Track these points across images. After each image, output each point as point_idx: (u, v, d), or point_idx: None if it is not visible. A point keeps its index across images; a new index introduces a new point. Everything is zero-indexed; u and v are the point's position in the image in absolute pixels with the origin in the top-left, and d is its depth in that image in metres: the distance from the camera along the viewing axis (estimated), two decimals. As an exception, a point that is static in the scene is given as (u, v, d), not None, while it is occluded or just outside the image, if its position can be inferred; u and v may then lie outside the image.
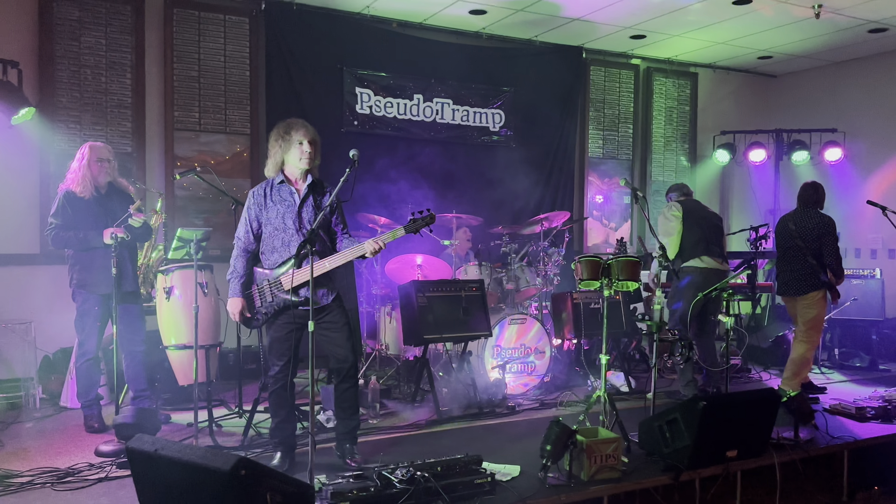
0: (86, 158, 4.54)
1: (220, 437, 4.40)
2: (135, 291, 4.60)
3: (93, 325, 4.51)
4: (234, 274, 3.79)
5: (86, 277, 4.45)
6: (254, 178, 6.54)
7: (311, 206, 3.80)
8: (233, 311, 3.78)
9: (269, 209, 3.76)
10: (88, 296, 4.45)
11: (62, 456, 4.10)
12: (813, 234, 5.49)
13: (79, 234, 4.42)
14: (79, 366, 4.52)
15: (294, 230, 3.74)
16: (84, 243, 4.43)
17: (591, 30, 7.43)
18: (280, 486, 2.90)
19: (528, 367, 5.68)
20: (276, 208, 3.76)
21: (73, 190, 4.51)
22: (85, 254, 4.45)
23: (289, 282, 3.65)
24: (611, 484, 3.63)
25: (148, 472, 3.04)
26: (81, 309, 4.50)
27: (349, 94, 6.93)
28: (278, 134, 3.80)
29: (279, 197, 3.78)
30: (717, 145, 8.55)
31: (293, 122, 3.83)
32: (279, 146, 3.78)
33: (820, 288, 5.46)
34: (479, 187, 7.38)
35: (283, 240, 3.75)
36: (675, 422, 3.86)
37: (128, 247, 4.52)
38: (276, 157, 3.80)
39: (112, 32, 6.01)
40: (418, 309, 5.08)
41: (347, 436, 3.91)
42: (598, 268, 4.19)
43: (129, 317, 4.49)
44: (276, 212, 3.76)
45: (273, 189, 3.80)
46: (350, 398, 3.91)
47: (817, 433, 4.52)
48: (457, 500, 3.30)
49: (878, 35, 7.45)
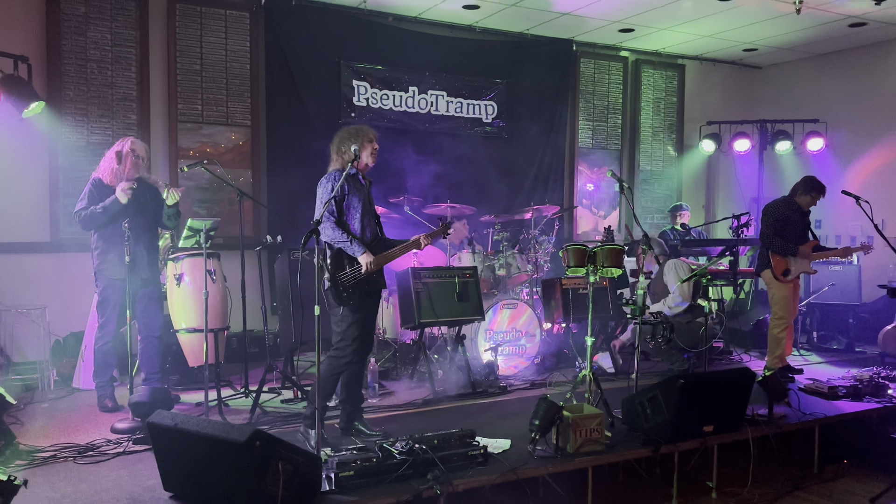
0: (123, 151, 4.74)
1: (228, 415, 4.63)
2: (152, 277, 4.81)
3: (112, 309, 4.72)
4: (346, 238, 4.05)
5: (105, 263, 4.66)
6: (254, 169, 6.77)
7: (372, 198, 4.31)
8: (369, 261, 4.05)
9: (354, 195, 4.14)
10: (109, 280, 4.65)
11: (79, 433, 4.35)
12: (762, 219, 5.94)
13: (98, 207, 4.58)
14: (97, 348, 4.74)
15: (371, 216, 4.21)
16: (106, 212, 4.58)
17: (580, 23, 7.65)
18: (291, 456, 3.16)
19: (520, 350, 5.95)
20: (358, 196, 4.15)
21: (103, 179, 4.73)
22: (104, 240, 4.65)
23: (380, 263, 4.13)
24: (594, 456, 3.90)
25: (168, 444, 3.30)
26: (102, 294, 4.72)
27: (346, 86, 7.14)
28: (349, 134, 4.20)
29: (357, 186, 4.17)
30: (703, 135, 8.80)
31: (363, 126, 4.32)
32: (351, 143, 4.13)
33: (766, 267, 5.86)
34: (472, 177, 7.60)
35: (364, 224, 4.16)
36: (655, 399, 4.14)
37: (145, 233, 4.72)
38: (346, 155, 4.12)
39: (117, 28, 6.20)
40: (415, 294, 5.34)
41: (359, 411, 4.33)
42: (584, 255, 4.45)
43: (147, 302, 4.73)
44: (357, 198, 4.14)
45: (351, 178, 4.16)
46: (360, 377, 4.37)
47: (791, 410, 4.79)
48: (452, 469, 3.56)
49: (858, 29, 7.70)
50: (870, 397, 5.19)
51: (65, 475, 3.65)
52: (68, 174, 6.05)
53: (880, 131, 8.25)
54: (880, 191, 8.02)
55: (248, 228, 6.46)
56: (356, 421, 4.27)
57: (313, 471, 3.28)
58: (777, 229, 5.85)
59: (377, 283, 4.18)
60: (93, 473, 3.68)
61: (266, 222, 6.75)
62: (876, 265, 7.66)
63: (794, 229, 5.89)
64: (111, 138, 6.17)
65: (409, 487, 3.40)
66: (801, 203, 5.91)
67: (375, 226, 4.25)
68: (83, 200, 4.69)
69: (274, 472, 3.07)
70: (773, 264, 5.83)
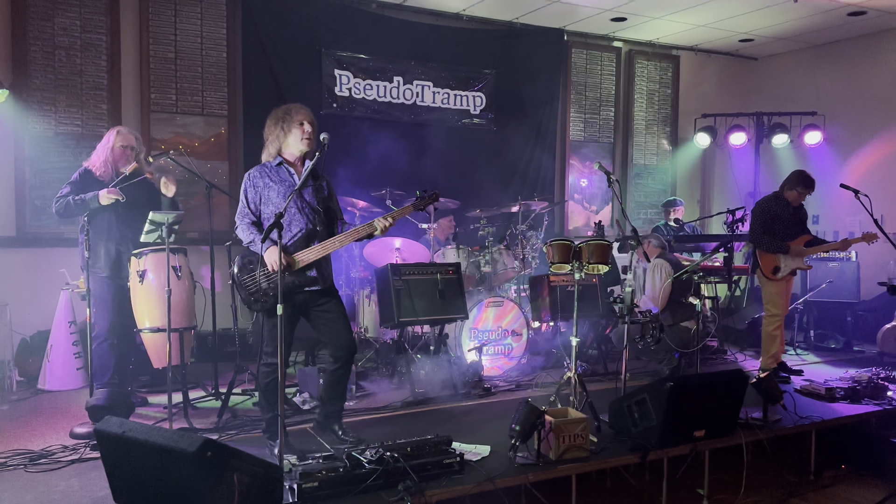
0: (110, 142, 4.59)
1: (197, 418, 4.43)
2: None
3: (101, 307, 4.49)
4: (254, 236, 3.73)
5: (92, 259, 4.45)
6: (231, 160, 6.53)
7: (311, 188, 3.82)
8: (274, 259, 3.61)
9: (270, 189, 3.77)
10: (93, 278, 4.45)
11: (36, 438, 4.13)
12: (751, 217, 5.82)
13: (76, 198, 4.39)
14: (93, 349, 4.49)
15: (296, 210, 3.75)
16: (82, 206, 4.38)
17: (571, 11, 7.41)
18: (247, 467, 2.93)
19: (506, 349, 5.73)
20: (276, 188, 3.76)
21: (92, 170, 4.55)
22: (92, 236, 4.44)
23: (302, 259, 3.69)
24: (578, 463, 3.68)
25: (116, 453, 3.07)
26: (94, 292, 4.51)
27: (328, 76, 6.90)
28: (277, 117, 3.82)
29: (278, 178, 3.79)
30: (697, 128, 8.58)
31: (292, 106, 3.87)
32: (280, 129, 3.79)
33: (759, 265, 5.72)
34: (458, 170, 7.38)
35: (285, 220, 3.70)
36: (643, 402, 3.92)
37: (133, 229, 4.50)
38: (275, 142, 3.81)
39: (86, 13, 5.95)
40: (394, 292, 5.11)
41: (336, 416, 4.00)
42: (568, 251, 4.22)
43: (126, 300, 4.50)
44: (276, 192, 3.76)
45: (271, 170, 3.81)
46: (344, 382, 4.01)
47: (786, 413, 4.58)
48: (425, 479, 3.33)
49: (858, 18, 7.48)
50: (868, 399, 5.00)
51: (12, 484, 3.43)
52: (35, 166, 5.81)
53: (880, 124, 8.03)
54: (879, 185, 7.81)
55: (223, 222, 6.25)
56: (333, 424, 4.01)
57: (273, 482, 3.05)
58: (766, 227, 5.68)
59: (302, 282, 3.73)
60: (42, 483, 3.46)
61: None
62: (875, 262, 7.45)
63: (785, 225, 5.71)
64: (80, 128, 5.96)
65: (378, 499, 3.18)
66: (789, 198, 5.73)
67: (309, 221, 3.76)
68: (66, 187, 4.50)
69: (228, 484, 2.84)
70: (762, 263, 5.66)
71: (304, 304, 3.80)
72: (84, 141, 5.93)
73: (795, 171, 5.78)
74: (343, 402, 4.06)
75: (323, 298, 3.84)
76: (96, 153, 4.62)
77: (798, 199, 5.72)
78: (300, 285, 3.73)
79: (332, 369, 3.96)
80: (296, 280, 3.71)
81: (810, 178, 5.70)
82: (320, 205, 3.82)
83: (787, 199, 5.72)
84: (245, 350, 5.55)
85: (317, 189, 3.84)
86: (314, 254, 3.71)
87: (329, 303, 3.87)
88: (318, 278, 3.77)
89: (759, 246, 5.69)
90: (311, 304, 3.82)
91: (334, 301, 3.90)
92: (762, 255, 5.69)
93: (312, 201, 3.81)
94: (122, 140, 4.59)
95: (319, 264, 3.78)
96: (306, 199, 3.80)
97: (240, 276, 3.75)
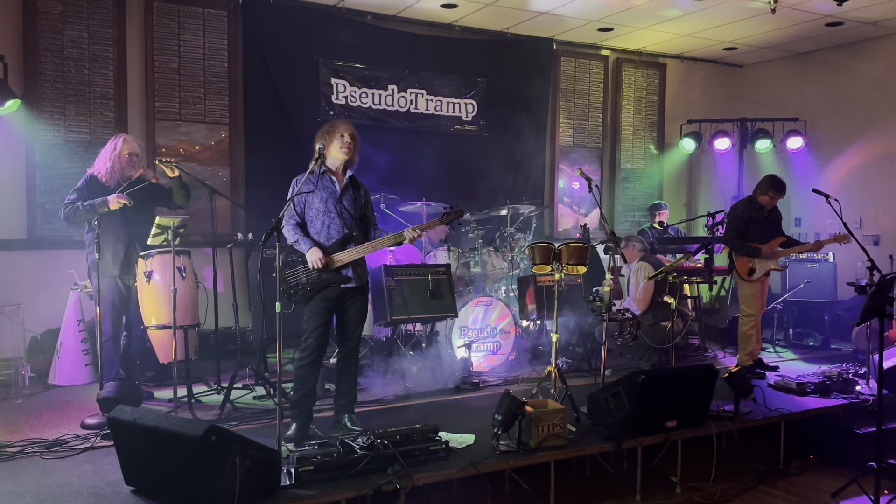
0: (117, 150, 4.83)
1: (200, 411, 4.68)
2: None
3: (107, 306, 4.76)
4: (299, 237, 4.11)
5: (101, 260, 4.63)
6: (233, 166, 6.79)
7: (350, 196, 4.22)
8: (316, 259, 4.04)
9: (314, 195, 4.14)
10: (102, 278, 4.65)
11: (50, 429, 4.38)
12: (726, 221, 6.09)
13: (85, 204, 4.65)
14: (101, 345, 4.70)
15: (335, 215, 4.14)
16: (91, 211, 4.62)
17: (559, 22, 7.68)
18: (248, 451, 3.20)
19: (494, 347, 6.00)
20: (320, 194, 4.14)
21: (97, 176, 4.80)
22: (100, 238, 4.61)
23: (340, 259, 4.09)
24: (557, 450, 3.95)
25: (128, 439, 3.34)
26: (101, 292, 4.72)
27: (325, 84, 7.17)
28: (323, 131, 4.22)
29: (321, 184, 4.16)
30: (683, 134, 8.83)
31: (337, 121, 4.31)
32: (323, 141, 4.17)
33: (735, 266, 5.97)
34: (451, 176, 7.62)
35: (325, 222, 4.14)
36: (618, 394, 4.19)
37: (140, 233, 4.78)
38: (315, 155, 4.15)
39: (94, 26, 6.22)
40: (387, 291, 5.38)
41: (348, 406, 4.35)
42: (549, 253, 4.49)
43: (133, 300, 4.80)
44: (319, 198, 4.14)
45: (316, 177, 4.16)
46: (352, 374, 4.38)
47: (757, 407, 4.84)
48: (413, 464, 3.60)
49: (835, 28, 7.75)
50: (837, 393, 5.24)
51: (31, 470, 3.68)
52: (45, 172, 6.07)
53: (858, 130, 8.30)
54: (858, 189, 8.10)
55: (225, 226, 6.53)
56: (342, 415, 4.32)
57: (272, 465, 3.33)
58: (739, 231, 5.91)
59: (338, 280, 4.13)
60: (58, 468, 3.71)
61: (244, 220, 6.78)
62: (850, 263, 7.72)
63: (759, 228, 5.93)
64: (88, 136, 6.22)
65: (369, 482, 3.44)
66: (762, 202, 5.94)
67: (344, 226, 4.16)
68: (72, 194, 4.75)
69: (231, 466, 3.11)
70: (737, 265, 5.90)
71: (339, 299, 4.20)
72: (92, 148, 6.18)
73: (767, 177, 5.99)
74: (351, 395, 4.37)
75: (356, 296, 4.26)
76: (101, 160, 4.86)
77: (770, 203, 5.94)
78: (336, 282, 4.13)
79: (338, 360, 4.38)
80: (332, 277, 4.11)
81: (781, 183, 5.93)
82: (357, 211, 4.23)
83: (760, 203, 5.95)
84: (245, 347, 5.81)
85: (355, 197, 4.25)
86: (349, 256, 4.12)
87: (358, 300, 4.28)
88: (353, 277, 4.18)
89: (733, 249, 5.94)
90: (344, 299, 4.22)
91: (362, 300, 4.31)
92: (737, 258, 5.93)
93: (350, 208, 4.20)
94: (128, 147, 4.86)
95: (354, 265, 4.18)
96: (345, 206, 4.19)
97: (283, 270, 4.09)
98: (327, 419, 4.47)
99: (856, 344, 6.72)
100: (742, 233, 5.90)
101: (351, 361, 4.36)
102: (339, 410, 4.36)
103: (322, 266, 4.05)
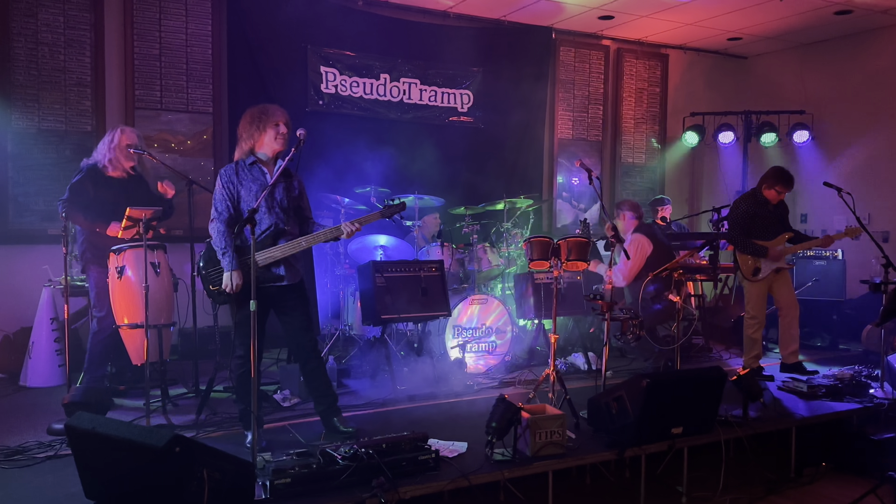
0: (115, 141, 4.68)
1: (178, 415, 4.42)
2: None
3: (106, 299, 4.54)
4: (227, 248, 3.74)
5: (96, 255, 4.56)
6: (216, 158, 6.51)
7: (282, 187, 3.84)
8: (233, 285, 3.71)
9: (243, 187, 3.79)
10: (98, 271, 4.52)
11: (14, 435, 4.11)
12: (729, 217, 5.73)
13: (88, 220, 4.58)
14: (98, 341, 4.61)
15: (266, 209, 3.78)
16: (89, 229, 4.62)
17: (558, 9, 7.41)
18: (217, 462, 2.92)
19: (490, 347, 5.72)
20: (249, 187, 3.78)
21: (101, 167, 4.65)
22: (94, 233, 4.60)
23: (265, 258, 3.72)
24: (555, 459, 3.68)
25: (87, 449, 3.06)
26: (98, 285, 4.59)
27: (314, 72, 6.89)
28: (252, 117, 3.83)
29: (251, 176, 3.80)
30: (686, 127, 8.57)
31: (269, 106, 3.89)
32: (255, 128, 3.80)
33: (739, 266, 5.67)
34: (445, 168, 7.35)
35: (257, 218, 3.69)
36: (620, 399, 3.91)
37: None
38: (249, 140, 3.82)
39: (70, 9, 5.93)
40: (376, 289, 5.10)
41: (330, 410, 4.01)
42: (547, 248, 4.21)
43: None
44: (248, 190, 3.78)
45: (244, 169, 3.82)
46: (320, 376, 4.01)
47: (767, 411, 4.59)
48: (400, 476, 3.33)
49: (844, 17, 7.48)
50: (850, 397, 4.99)
51: (-14, 480, 3.41)
52: (18, 162, 5.79)
53: (867, 123, 8.04)
54: (866, 183, 7.83)
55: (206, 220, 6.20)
56: (330, 418, 4.01)
57: (245, 478, 3.05)
58: (744, 228, 5.55)
59: (268, 279, 3.77)
60: (16, 478, 3.45)
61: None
62: (860, 260, 7.47)
63: (764, 224, 5.58)
64: (64, 125, 5.94)
65: (352, 496, 3.17)
66: (768, 196, 5.58)
67: (278, 220, 3.80)
68: (73, 189, 4.62)
69: (198, 479, 2.83)
70: (741, 264, 5.58)
71: (273, 299, 3.84)
72: (68, 137, 5.92)
73: (773, 168, 5.64)
74: (330, 396, 4.04)
75: (289, 295, 3.87)
76: (100, 151, 4.70)
77: (777, 197, 5.57)
78: (264, 281, 3.75)
79: (301, 367, 4.05)
80: (261, 276, 3.73)
81: (788, 175, 5.55)
82: (290, 204, 3.85)
83: (765, 198, 5.59)
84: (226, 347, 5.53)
85: (287, 188, 3.87)
86: (280, 252, 3.74)
87: (293, 301, 3.90)
88: (285, 275, 3.81)
89: (738, 248, 5.60)
90: (278, 299, 3.85)
91: (298, 299, 3.92)
92: (741, 257, 5.61)
93: (283, 200, 3.83)
94: (127, 139, 4.71)
95: (287, 262, 3.81)
96: (276, 198, 3.82)
97: (205, 269, 3.78)
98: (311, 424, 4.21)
99: (866, 345, 6.45)
100: (747, 230, 5.56)
101: (312, 366, 3.98)
102: (323, 416, 4.04)
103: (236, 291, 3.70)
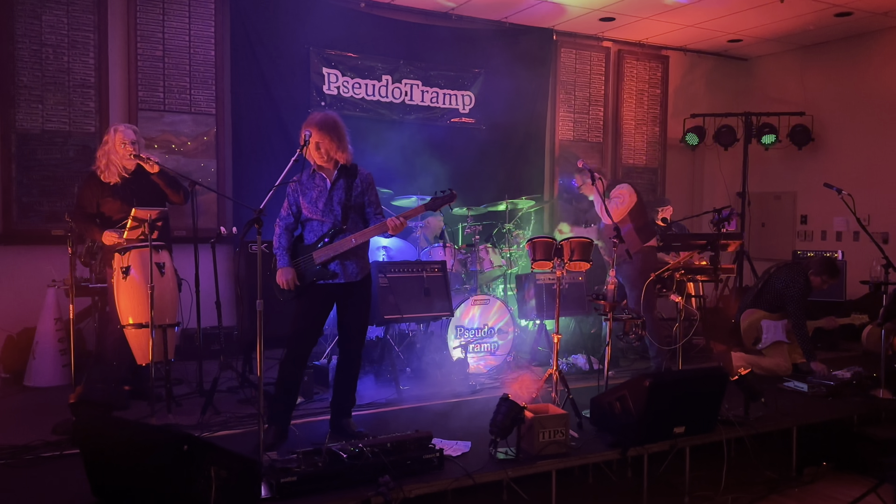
0: (109, 143, 4.64)
1: (182, 415, 4.43)
2: None
3: None
4: (280, 248, 3.96)
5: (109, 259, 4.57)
6: (219, 159, 6.53)
7: (341, 188, 3.97)
8: (283, 280, 3.90)
9: (306, 194, 3.96)
10: None
11: (20, 435, 4.09)
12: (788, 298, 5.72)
13: (90, 230, 4.65)
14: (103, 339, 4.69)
15: (326, 211, 3.93)
16: (91, 237, 4.72)
17: (559, 11, 7.43)
18: (225, 460, 2.94)
19: (492, 347, 5.75)
20: (311, 193, 3.95)
21: (97, 175, 4.65)
22: None
23: (320, 256, 3.88)
24: (558, 458, 3.70)
25: (95, 449, 3.08)
26: None
27: (316, 74, 6.91)
28: None
29: (313, 183, 3.97)
30: (686, 128, 8.60)
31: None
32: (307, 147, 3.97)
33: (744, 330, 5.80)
34: (447, 170, 7.32)
35: (319, 220, 3.95)
36: (623, 399, 3.95)
37: None
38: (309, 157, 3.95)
39: (74, 11, 5.95)
40: (379, 289, 5.12)
41: (341, 412, 4.10)
42: (550, 248, 4.24)
43: None
44: (310, 197, 3.95)
45: (308, 177, 3.99)
46: (346, 375, 4.11)
47: (768, 411, 4.61)
48: (404, 474, 3.36)
49: (844, 19, 7.51)
50: (851, 397, 5.02)
51: (-9, 480, 3.43)
52: (22, 163, 5.80)
53: (867, 124, 8.07)
54: (866, 185, 7.85)
55: (211, 220, 6.27)
56: (340, 419, 4.09)
57: (251, 476, 3.07)
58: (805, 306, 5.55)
59: (320, 275, 3.91)
60: (22, 477, 3.46)
61: (232, 214, 6.52)
62: (860, 261, 7.49)
63: None
64: (68, 126, 5.96)
65: (357, 494, 3.19)
66: (814, 283, 5.63)
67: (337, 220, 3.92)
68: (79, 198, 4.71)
69: (205, 477, 2.85)
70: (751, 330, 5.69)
71: (334, 296, 4.00)
72: (72, 139, 5.95)
73: (823, 259, 5.70)
74: (346, 399, 4.11)
75: (351, 294, 4.01)
76: (98, 157, 4.70)
77: (821, 286, 5.63)
78: (320, 277, 3.90)
79: (338, 363, 4.14)
80: (317, 274, 3.89)
81: (836, 268, 5.63)
82: (351, 203, 3.95)
83: (812, 285, 5.63)
84: (230, 347, 5.56)
85: (347, 187, 3.97)
86: (332, 251, 3.88)
87: (352, 301, 4.03)
88: (340, 273, 3.93)
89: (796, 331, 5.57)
90: (340, 296, 4.01)
91: (357, 297, 4.04)
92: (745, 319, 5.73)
93: (342, 200, 3.95)
94: (121, 138, 4.64)
95: (342, 259, 3.92)
96: (335, 200, 3.95)
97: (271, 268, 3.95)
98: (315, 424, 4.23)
99: (866, 345, 6.48)
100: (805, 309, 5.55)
101: (346, 366, 4.09)
102: (333, 414, 4.11)
103: (292, 286, 3.90)
